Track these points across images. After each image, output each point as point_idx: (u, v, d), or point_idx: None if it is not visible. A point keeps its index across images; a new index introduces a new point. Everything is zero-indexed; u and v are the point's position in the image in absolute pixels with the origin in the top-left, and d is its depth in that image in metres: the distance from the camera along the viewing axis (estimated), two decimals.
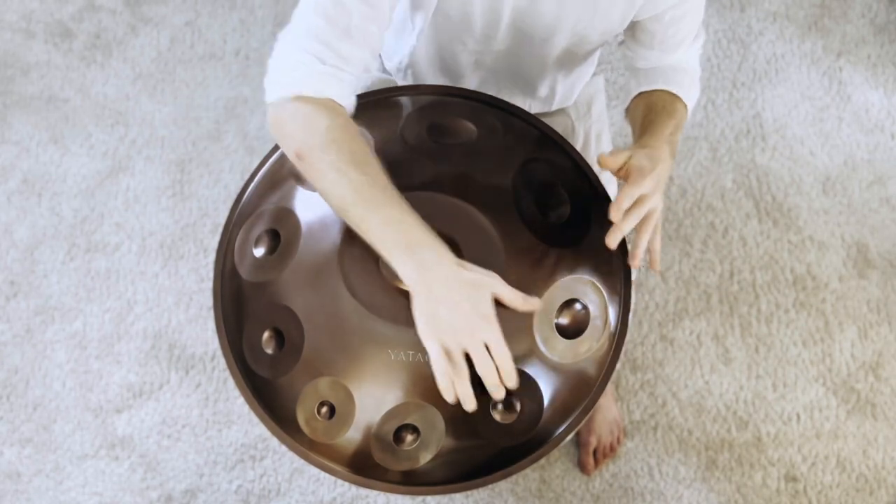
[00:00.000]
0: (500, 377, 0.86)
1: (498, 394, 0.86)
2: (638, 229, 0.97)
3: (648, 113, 1.10)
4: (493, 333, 0.85)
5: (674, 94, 1.12)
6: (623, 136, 1.83)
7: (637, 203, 0.94)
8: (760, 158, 1.81)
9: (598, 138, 1.31)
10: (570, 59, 1.14)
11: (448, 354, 0.85)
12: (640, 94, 1.15)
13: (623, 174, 0.96)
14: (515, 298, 0.87)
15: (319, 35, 0.91)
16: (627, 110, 1.18)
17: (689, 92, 1.15)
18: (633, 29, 1.11)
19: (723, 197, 1.79)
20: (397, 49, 1.19)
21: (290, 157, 0.92)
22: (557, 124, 1.26)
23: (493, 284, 0.86)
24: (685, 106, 1.14)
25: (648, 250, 1.00)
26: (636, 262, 0.97)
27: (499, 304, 0.87)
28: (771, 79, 1.88)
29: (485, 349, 0.85)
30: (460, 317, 0.84)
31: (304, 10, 0.93)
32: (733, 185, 1.79)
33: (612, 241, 0.93)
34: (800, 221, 1.78)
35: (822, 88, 1.87)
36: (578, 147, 1.27)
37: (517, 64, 1.13)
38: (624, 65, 1.22)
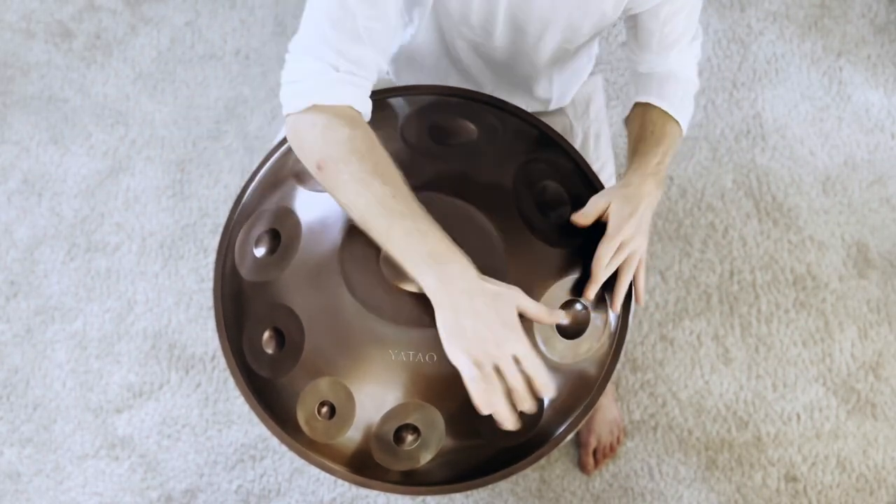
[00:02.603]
0: (532, 389, 0.85)
1: (527, 405, 0.85)
2: (619, 271, 0.97)
3: (639, 139, 1.10)
4: (521, 344, 0.84)
5: (666, 114, 1.12)
6: (623, 136, 1.83)
7: (618, 250, 0.96)
8: (760, 158, 1.81)
9: (596, 138, 1.31)
10: (565, 55, 1.14)
11: (478, 366, 0.83)
12: (637, 105, 1.15)
13: (603, 220, 0.97)
14: (539, 311, 0.86)
15: (329, 41, 0.91)
16: (626, 120, 1.18)
17: (682, 108, 1.13)
18: (632, 28, 1.11)
19: (723, 197, 1.79)
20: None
21: (311, 168, 0.90)
22: (556, 124, 1.26)
23: (516, 297, 0.85)
24: (678, 125, 1.12)
25: (633, 285, 1.00)
26: (617, 307, 0.97)
27: (522, 317, 0.86)
28: (771, 79, 1.88)
29: (513, 361, 0.84)
30: (485, 327, 0.83)
31: (311, 18, 0.92)
32: (733, 185, 1.80)
33: (590, 292, 0.94)
34: (800, 221, 1.78)
35: (822, 88, 1.87)
36: (577, 147, 1.27)
37: (515, 61, 1.13)
38: (628, 70, 1.22)
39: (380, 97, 1.07)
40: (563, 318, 0.90)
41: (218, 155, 1.81)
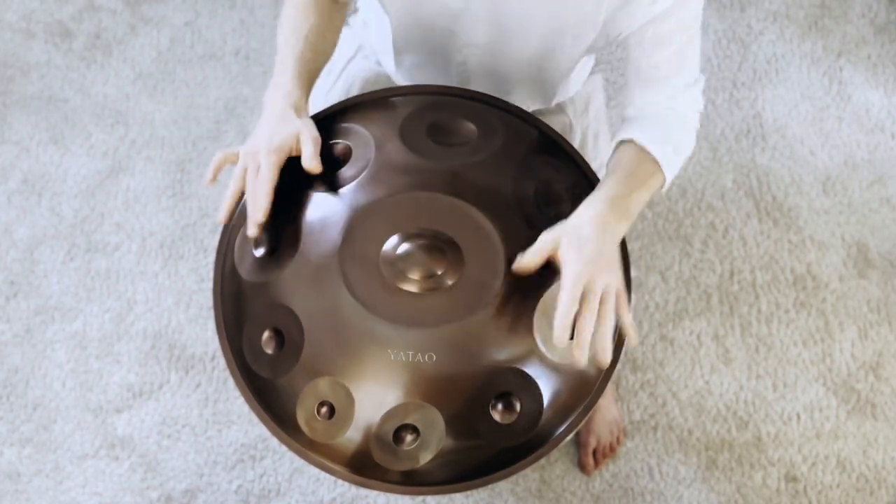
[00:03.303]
0: (259, 213, 0.93)
1: (252, 230, 0.93)
2: (596, 322, 0.87)
3: (605, 174, 1.00)
4: (265, 158, 0.93)
5: (643, 151, 1.01)
6: None
7: (583, 300, 0.85)
8: (760, 158, 1.81)
9: (595, 137, 1.31)
10: (553, 65, 1.11)
11: (238, 157, 0.96)
12: (618, 145, 1.05)
13: (554, 263, 0.88)
14: (306, 150, 0.94)
15: None
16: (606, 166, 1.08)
17: (664, 147, 1.01)
18: (626, 65, 1.07)
19: (723, 197, 1.79)
20: (384, 36, 1.19)
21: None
22: (555, 123, 1.26)
23: (302, 132, 0.95)
24: (657, 164, 1.01)
25: (618, 325, 0.91)
26: (605, 361, 0.87)
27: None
28: (771, 79, 1.88)
29: (255, 170, 0.94)
30: (262, 136, 0.95)
31: None
32: (733, 185, 1.80)
33: (561, 339, 0.85)
34: (800, 221, 1.78)
35: (822, 88, 1.87)
36: (575, 146, 1.26)
37: (501, 62, 1.11)
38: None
39: (379, 97, 1.07)
40: (316, 167, 0.95)
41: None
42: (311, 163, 0.94)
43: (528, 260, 0.89)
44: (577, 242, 0.88)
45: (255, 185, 0.94)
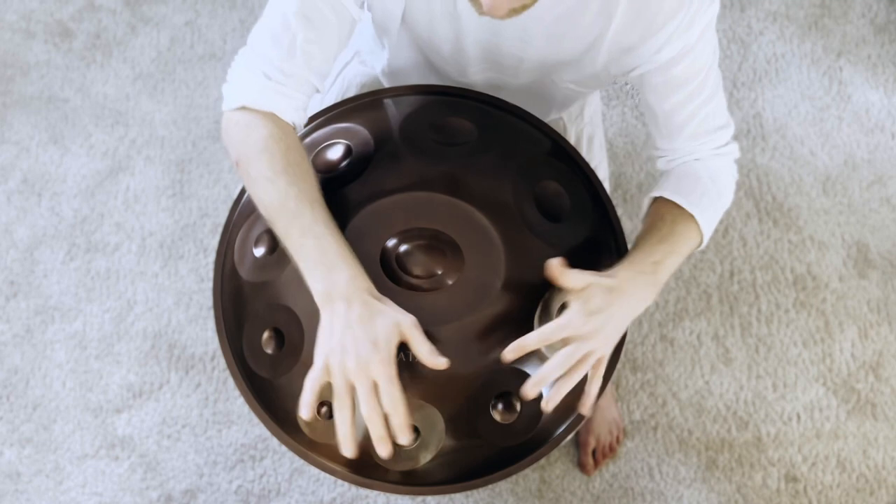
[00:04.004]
0: (390, 428, 0.80)
1: (383, 449, 0.80)
2: (565, 377, 0.85)
3: (643, 234, 0.98)
4: (383, 369, 0.78)
5: (681, 209, 0.99)
6: (623, 136, 1.83)
7: (566, 342, 0.84)
8: (760, 158, 1.81)
9: (589, 140, 1.30)
10: (550, 94, 1.10)
11: (328, 374, 0.80)
12: (654, 201, 1.04)
13: (574, 296, 0.86)
14: (423, 347, 0.81)
15: (265, 53, 0.94)
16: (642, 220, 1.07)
17: (702, 207, 1.00)
18: (644, 111, 1.06)
19: None
20: (379, 58, 1.19)
21: (232, 164, 0.94)
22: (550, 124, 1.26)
23: (401, 321, 0.81)
24: (696, 225, 0.99)
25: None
26: (532, 395, 0.85)
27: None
28: (771, 79, 1.88)
29: (372, 387, 0.80)
30: (352, 339, 0.79)
31: (257, 29, 0.96)
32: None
33: (528, 393, 0.84)
34: (800, 221, 1.78)
35: (822, 88, 1.87)
36: None
37: (498, 92, 1.10)
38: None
39: (378, 97, 1.07)
40: (446, 365, 0.80)
41: (218, 155, 1.81)
42: (434, 359, 0.81)
43: (561, 275, 0.86)
44: (599, 295, 0.86)
45: (387, 406, 0.80)
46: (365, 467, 0.95)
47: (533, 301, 0.93)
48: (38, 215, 1.77)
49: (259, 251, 0.98)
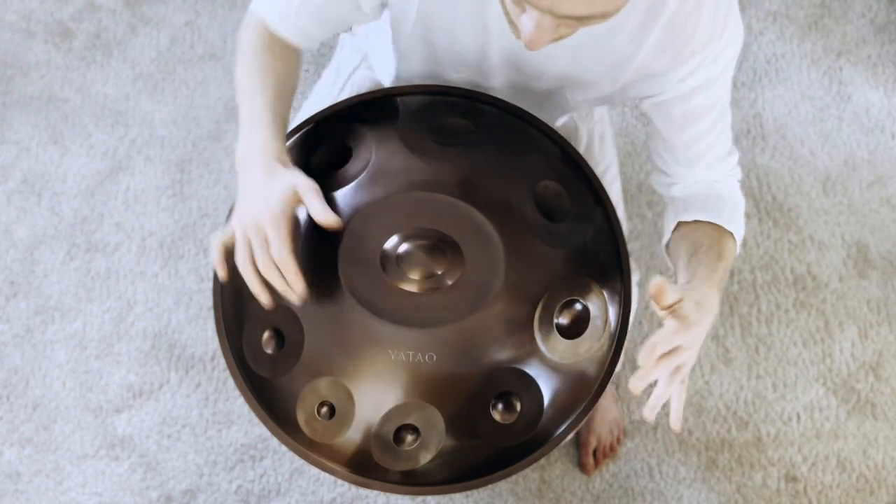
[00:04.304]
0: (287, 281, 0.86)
1: (292, 297, 0.86)
2: (663, 380, 0.89)
3: (695, 252, 1.00)
4: (272, 224, 0.85)
5: (719, 227, 1.03)
6: (623, 136, 1.83)
7: (672, 353, 0.86)
8: (760, 158, 1.81)
9: (601, 139, 1.30)
10: (562, 102, 1.10)
11: (240, 231, 0.88)
12: (681, 226, 1.06)
13: (668, 314, 0.88)
14: (316, 205, 0.86)
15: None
16: (667, 247, 1.10)
17: (735, 224, 1.05)
18: (652, 138, 1.06)
19: None
20: (388, 67, 1.18)
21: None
22: (558, 126, 1.26)
23: (300, 185, 0.87)
24: (734, 241, 1.04)
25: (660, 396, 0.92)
26: (652, 416, 0.89)
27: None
28: (771, 79, 1.88)
29: (264, 242, 0.86)
30: (252, 200, 0.88)
31: None
32: None
33: (636, 387, 0.86)
34: (800, 221, 1.78)
35: (822, 88, 1.87)
36: (581, 148, 1.26)
37: (516, 98, 1.09)
38: (663, 197, 1.13)
39: (379, 96, 1.07)
40: (334, 223, 0.87)
41: (218, 155, 1.81)
42: (325, 216, 0.86)
43: (664, 296, 0.86)
44: (696, 308, 0.87)
45: (275, 258, 0.86)
46: (365, 467, 0.95)
47: (533, 301, 0.93)
48: (38, 215, 1.77)
49: None
